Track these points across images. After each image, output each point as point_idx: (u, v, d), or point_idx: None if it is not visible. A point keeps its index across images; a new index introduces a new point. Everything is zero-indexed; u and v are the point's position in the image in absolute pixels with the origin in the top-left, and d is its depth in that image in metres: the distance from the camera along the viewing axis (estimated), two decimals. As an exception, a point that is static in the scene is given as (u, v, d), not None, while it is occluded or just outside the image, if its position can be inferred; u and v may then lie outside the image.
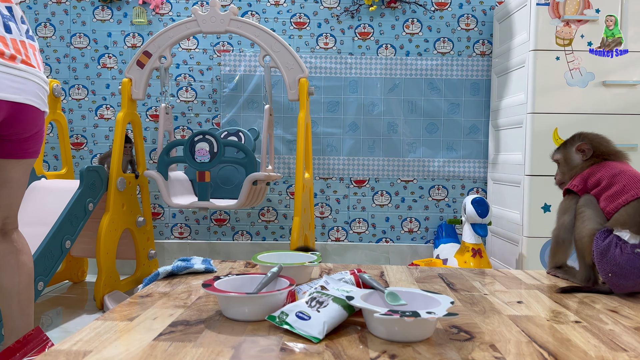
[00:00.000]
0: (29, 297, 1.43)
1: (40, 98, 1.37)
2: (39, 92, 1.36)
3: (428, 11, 2.74)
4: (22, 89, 1.30)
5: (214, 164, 2.10)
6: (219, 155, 2.10)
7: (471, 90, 2.74)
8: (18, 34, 1.33)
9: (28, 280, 1.42)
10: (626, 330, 0.93)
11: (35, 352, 1.35)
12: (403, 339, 0.84)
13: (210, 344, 0.82)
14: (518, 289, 1.23)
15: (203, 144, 2.10)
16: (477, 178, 2.76)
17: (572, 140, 1.40)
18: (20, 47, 1.33)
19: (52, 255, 1.85)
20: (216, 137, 2.10)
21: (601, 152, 1.34)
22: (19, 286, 1.40)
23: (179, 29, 2.24)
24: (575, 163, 1.37)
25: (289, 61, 2.19)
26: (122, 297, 2.14)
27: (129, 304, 1.05)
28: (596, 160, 1.33)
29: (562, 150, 1.43)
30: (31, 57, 1.36)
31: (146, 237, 2.43)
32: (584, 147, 1.35)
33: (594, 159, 1.34)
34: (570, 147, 1.39)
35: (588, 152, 1.34)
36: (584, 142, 1.35)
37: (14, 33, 1.31)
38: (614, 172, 1.26)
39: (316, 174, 2.77)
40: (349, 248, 2.79)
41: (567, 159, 1.40)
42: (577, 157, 1.37)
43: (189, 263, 1.33)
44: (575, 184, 1.32)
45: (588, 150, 1.34)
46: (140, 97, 2.26)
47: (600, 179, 1.27)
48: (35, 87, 1.34)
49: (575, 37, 2.18)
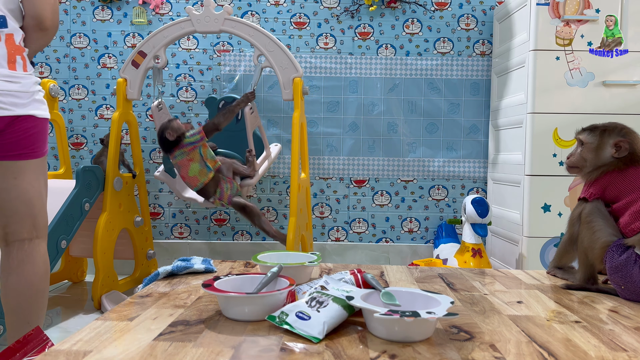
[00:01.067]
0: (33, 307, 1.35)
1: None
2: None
3: (428, 11, 2.74)
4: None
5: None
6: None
7: (471, 90, 2.74)
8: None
9: (29, 292, 1.33)
10: (626, 330, 0.92)
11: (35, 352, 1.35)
12: (403, 339, 0.83)
13: (210, 344, 0.81)
14: (518, 289, 1.23)
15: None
16: (477, 178, 2.76)
17: (612, 131, 1.25)
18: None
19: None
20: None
21: (635, 156, 1.22)
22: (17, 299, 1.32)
23: (174, 29, 2.24)
24: (604, 157, 1.24)
25: (283, 61, 2.18)
26: (120, 298, 2.14)
27: (128, 303, 1.05)
28: (621, 165, 1.22)
29: (597, 135, 1.27)
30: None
31: (144, 237, 2.43)
32: (622, 144, 1.22)
33: (623, 160, 1.22)
34: (608, 138, 1.25)
35: (624, 151, 1.22)
36: (625, 139, 1.22)
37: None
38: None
39: (316, 174, 2.77)
40: (349, 248, 2.79)
41: (599, 147, 1.25)
42: (608, 151, 1.24)
43: (188, 263, 1.33)
44: (592, 193, 1.23)
45: (624, 150, 1.22)
46: (135, 97, 2.26)
47: (622, 192, 1.19)
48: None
49: (575, 37, 2.18)
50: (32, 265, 1.33)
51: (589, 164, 1.27)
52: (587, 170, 1.28)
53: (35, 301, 1.34)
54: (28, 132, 1.31)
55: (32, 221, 1.34)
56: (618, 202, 1.20)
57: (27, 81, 1.31)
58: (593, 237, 1.20)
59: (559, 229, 2.20)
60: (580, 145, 1.30)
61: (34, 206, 1.34)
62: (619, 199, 1.20)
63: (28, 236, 1.34)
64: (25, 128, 1.31)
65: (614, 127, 1.27)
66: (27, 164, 1.33)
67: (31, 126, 1.32)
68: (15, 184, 1.31)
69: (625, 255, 1.13)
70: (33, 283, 1.33)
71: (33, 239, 1.34)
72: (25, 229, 1.33)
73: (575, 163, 1.30)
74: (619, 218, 1.20)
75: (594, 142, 1.27)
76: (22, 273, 1.32)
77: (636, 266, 1.11)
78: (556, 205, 2.19)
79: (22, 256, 1.32)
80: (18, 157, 1.31)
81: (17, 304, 1.32)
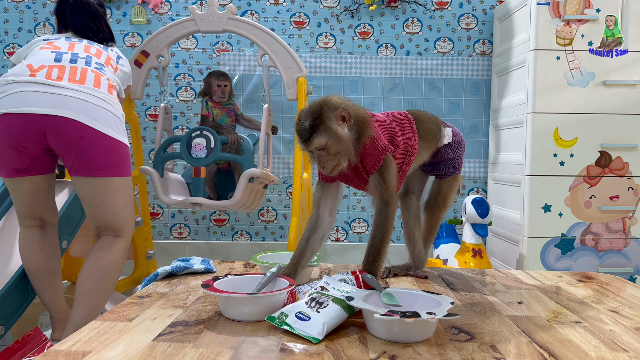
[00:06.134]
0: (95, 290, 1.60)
1: (82, 112, 1.52)
2: (81, 106, 1.53)
3: (428, 10, 2.74)
4: (54, 103, 1.50)
5: (209, 159, 2.10)
6: (215, 151, 2.09)
7: (471, 90, 2.74)
8: (82, 65, 1.63)
9: (97, 272, 1.60)
10: (626, 331, 0.92)
11: (34, 353, 1.35)
12: (403, 340, 0.83)
13: (210, 344, 0.81)
14: (518, 289, 1.22)
15: (200, 139, 2.11)
16: (477, 178, 2.76)
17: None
18: (79, 73, 1.59)
19: (51, 255, 1.86)
20: (213, 133, 2.10)
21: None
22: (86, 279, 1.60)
23: (177, 28, 2.23)
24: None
25: (287, 60, 2.18)
26: (119, 298, 2.13)
27: (128, 304, 1.04)
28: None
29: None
30: (88, 80, 1.58)
31: (144, 237, 2.42)
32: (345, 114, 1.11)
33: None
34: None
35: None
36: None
37: (78, 64, 1.62)
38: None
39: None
40: (348, 248, 2.78)
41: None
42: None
43: (188, 263, 1.32)
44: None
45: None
46: (138, 96, 2.26)
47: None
48: (74, 102, 1.52)
49: (576, 37, 2.18)
50: (107, 253, 1.61)
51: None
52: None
53: (99, 281, 1.58)
54: (93, 145, 1.58)
55: (113, 225, 1.66)
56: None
57: (118, 108, 1.66)
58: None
59: (559, 229, 2.20)
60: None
61: (119, 215, 1.65)
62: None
63: (110, 233, 1.65)
64: (89, 139, 1.57)
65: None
66: (106, 180, 1.62)
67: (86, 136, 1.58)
68: (99, 200, 1.62)
69: None
70: (103, 266, 1.59)
71: (117, 236, 1.65)
72: (112, 229, 1.66)
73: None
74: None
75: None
76: (98, 257, 1.60)
77: None
78: (557, 206, 2.19)
79: (103, 245, 1.62)
80: (100, 173, 1.60)
81: (83, 279, 1.57)
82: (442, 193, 1.36)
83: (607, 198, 2.20)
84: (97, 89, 1.59)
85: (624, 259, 2.23)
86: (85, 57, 1.66)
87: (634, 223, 2.22)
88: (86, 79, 1.58)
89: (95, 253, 1.61)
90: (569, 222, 2.20)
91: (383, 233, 1.15)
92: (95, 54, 1.71)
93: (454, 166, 1.35)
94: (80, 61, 1.63)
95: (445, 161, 1.34)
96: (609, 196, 2.20)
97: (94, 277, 1.58)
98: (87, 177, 1.58)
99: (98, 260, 1.60)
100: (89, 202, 1.62)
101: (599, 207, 2.20)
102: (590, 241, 2.22)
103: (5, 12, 2.75)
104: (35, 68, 1.55)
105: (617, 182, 2.20)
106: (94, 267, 1.59)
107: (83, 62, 1.64)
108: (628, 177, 2.20)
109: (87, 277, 1.58)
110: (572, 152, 2.19)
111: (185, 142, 2.11)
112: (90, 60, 1.66)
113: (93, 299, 1.57)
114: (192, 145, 2.10)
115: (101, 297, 1.59)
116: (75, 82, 1.56)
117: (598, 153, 2.19)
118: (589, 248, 2.22)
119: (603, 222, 2.21)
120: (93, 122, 1.54)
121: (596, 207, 2.20)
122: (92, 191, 1.60)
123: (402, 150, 1.22)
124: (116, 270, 1.63)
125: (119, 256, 1.64)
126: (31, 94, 1.50)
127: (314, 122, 1.09)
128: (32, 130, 1.50)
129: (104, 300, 1.61)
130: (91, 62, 1.65)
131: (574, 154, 2.19)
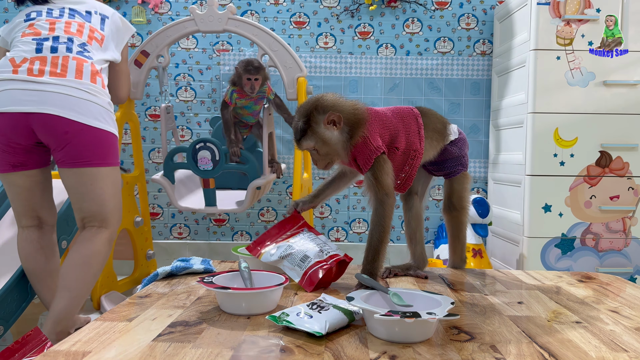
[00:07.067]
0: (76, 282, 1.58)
1: (65, 107, 1.51)
2: (64, 101, 1.51)
3: (428, 10, 2.74)
4: (37, 100, 1.50)
5: (217, 171, 2.15)
6: (221, 163, 2.14)
7: (472, 90, 2.74)
8: (64, 52, 1.58)
9: (79, 262, 1.58)
10: (627, 331, 0.92)
11: (34, 353, 1.35)
12: (403, 340, 0.83)
13: (210, 344, 0.81)
14: (519, 289, 1.22)
15: (205, 152, 2.14)
16: (477, 178, 2.76)
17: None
18: (60, 64, 1.55)
19: (50, 255, 1.86)
20: (217, 145, 2.13)
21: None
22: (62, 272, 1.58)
23: (177, 28, 2.23)
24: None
25: (288, 60, 2.18)
26: (119, 298, 2.14)
27: (128, 304, 1.04)
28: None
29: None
30: (70, 70, 1.55)
31: (144, 238, 2.42)
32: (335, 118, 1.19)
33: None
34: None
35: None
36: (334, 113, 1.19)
37: (59, 52, 1.57)
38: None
39: (316, 173, 2.76)
40: (349, 248, 2.78)
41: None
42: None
43: (188, 263, 1.32)
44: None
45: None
46: (138, 97, 2.25)
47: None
48: (57, 98, 1.51)
49: (576, 37, 2.18)
50: (89, 243, 1.59)
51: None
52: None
53: (80, 271, 1.56)
54: (78, 138, 1.55)
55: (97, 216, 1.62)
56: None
57: (105, 97, 1.63)
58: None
59: (559, 229, 2.20)
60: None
61: (105, 205, 1.62)
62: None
63: (95, 224, 1.62)
64: (74, 134, 1.54)
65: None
66: (92, 170, 1.59)
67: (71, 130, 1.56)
68: (84, 189, 1.59)
69: None
70: (84, 255, 1.57)
71: (101, 227, 1.62)
72: (95, 220, 1.62)
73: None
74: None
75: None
76: (80, 248, 1.58)
77: None
78: (557, 206, 2.19)
79: (86, 235, 1.60)
80: (87, 164, 1.58)
81: (64, 270, 1.56)
82: (456, 193, 1.36)
83: (607, 198, 2.20)
84: (79, 81, 1.56)
85: (624, 259, 2.23)
86: (66, 40, 1.61)
87: (634, 223, 2.22)
88: (67, 70, 1.56)
89: (78, 244, 1.59)
90: (569, 222, 2.20)
91: (380, 232, 1.16)
92: (76, 32, 1.64)
93: (461, 163, 1.35)
94: (61, 48, 1.59)
95: (452, 159, 1.34)
96: (609, 196, 2.20)
97: (74, 268, 1.56)
98: (73, 168, 1.57)
99: (79, 251, 1.58)
100: (74, 191, 1.60)
101: (599, 207, 2.20)
102: (590, 241, 2.22)
103: (5, 12, 2.75)
104: (18, 63, 1.54)
105: (617, 182, 2.20)
106: (76, 257, 1.57)
107: (64, 48, 1.59)
108: (628, 177, 2.20)
109: (68, 268, 1.56)
110: (573, 152, 2.19)
111: (190, 154, 2.14)
112: (72, 44, 1.61)
113: (73, 290, 1.55)
114: (198, 158, 2.14)
115: (82, 289, 1.57)
116: (57, 75, 1.54)
117: (598, 153, 2.19)
118: (589, 248, 2.22)
119: (603, 222, 2.21)
120: (77, 115, 1.52)
121: (596, 207, 2.20)
122: (77, 180, 1.58)
123: (402, 152, 1.23)
124: (98, 261, 1.60)
125: (102, 247, 1.61)
126: (15, 92, 1.50)
127: (304, 125, 1.16)
128: (20, 127, 1.51)
129: (86, 292, 1.58)
130: (72, 48, 1.61)
131: (574, 154, 2.19)
